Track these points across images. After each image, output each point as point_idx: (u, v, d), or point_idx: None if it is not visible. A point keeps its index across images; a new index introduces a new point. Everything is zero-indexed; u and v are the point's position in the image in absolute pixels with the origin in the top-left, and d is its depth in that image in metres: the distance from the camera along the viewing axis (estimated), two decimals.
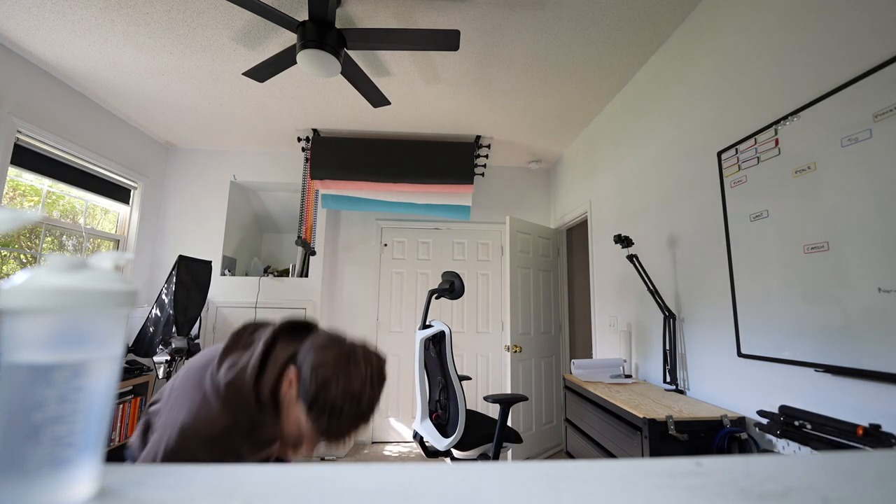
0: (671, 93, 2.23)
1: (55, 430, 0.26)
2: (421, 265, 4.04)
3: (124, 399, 2.76)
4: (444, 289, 2.27)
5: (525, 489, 0.31)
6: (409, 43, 1.99)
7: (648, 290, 2.16)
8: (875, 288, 1.18)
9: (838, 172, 1.30)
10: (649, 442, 1.54)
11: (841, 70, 1.32)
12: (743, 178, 1.69)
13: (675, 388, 2.02)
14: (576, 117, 3.21)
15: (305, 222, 3.79)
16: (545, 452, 3.50)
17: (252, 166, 3.98)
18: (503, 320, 3.92)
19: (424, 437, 2.21)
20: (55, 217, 2.97)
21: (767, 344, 1.55)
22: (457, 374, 2.16)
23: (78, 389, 0.27)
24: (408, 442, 3.72)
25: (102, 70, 2.66)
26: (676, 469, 0.34)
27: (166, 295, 3.02)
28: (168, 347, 2.90)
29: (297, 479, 0.32)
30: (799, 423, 1.33)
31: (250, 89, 2.88)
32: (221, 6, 2.07)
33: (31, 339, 0.27)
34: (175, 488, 0.30)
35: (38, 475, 0.26)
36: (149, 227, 3.72)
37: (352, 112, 3.23)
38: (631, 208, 2.63)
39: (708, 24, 1.96)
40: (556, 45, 2.34)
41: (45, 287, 0.27)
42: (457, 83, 2.76)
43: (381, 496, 0.30)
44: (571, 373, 2.41)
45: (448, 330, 2.24)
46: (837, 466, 0.36)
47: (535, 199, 4.21)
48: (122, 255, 0.32)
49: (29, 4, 2.08)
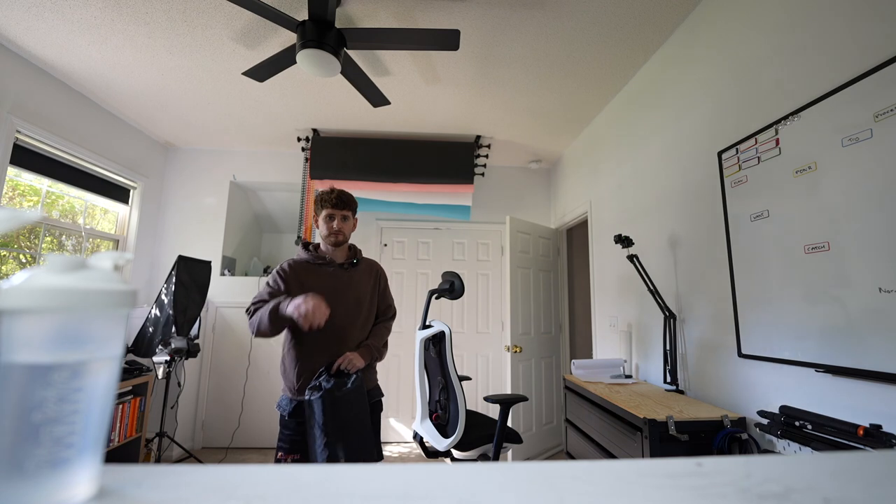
0: (671, 92, 2.23)
1: (54, 431, 0.26)
2: (421, 265, 4.04)
3: (124, 399, 2.76)
4: (444, 289, 2.27)
5: (525, 489, 0.31)
6: (409, 43, 1.99)
7: (649, 290, 2.16)
8: (875, 288, 1.18)
9: (839, 172, 1.30)
10: (649, 442, 1.54)
11: (841, 69, 1.32)
12: (743, 178, 1.69)
13: (675, 389, 2.02)
14: (576, 117, 3.21)
15: (305, 222, 3.79)
16: (545, 452, 3.50)
17: (252, 166, 3.98)
18: (503, 320, 3.92)
19: (424, 438, 2.20)
20: (54, 217, 2.97)
21: (768, 344, 1.55)
22: (457, 375, 2.16)
23: (77, 390, 0.27)
24: (408, 442, 3.72)
25: (102, 70, 2.66)
26: (677, 469, 0.34)
27: (166, 295, 3.02)
28: (168, 347, 2.90)
29: (296, 480, 0.32)
30: (799, 423, 1.33)
31: (250, 89, 2.88)
32: (221, 6, 2.07)
33: (30, 339, 0.27)
34: (175, 488, 0.30)
35: (38, 475, 0.26)
36: (148, 227, 3.72)
37: (352, 112, 3.23)
38: (631, 208, 2.63)
39: (708, 23, 1.97)
40: (557, 45, 2.34)
41: (44, 287, 0.27)
42: (457, 83, 2.76)
43: (382, 496, 0.29)
44: (571, 373, 2.41)
45: (448, 330, 2.23)
46: (838, 467, 0.36)
47: (535, 199, 4.21)
48: (122, 255, 0.31)
49: (28, 4, 2.08)
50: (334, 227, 1.67)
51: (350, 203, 1.72)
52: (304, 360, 1.58)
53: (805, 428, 1.31)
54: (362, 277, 1.74)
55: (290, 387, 1.59)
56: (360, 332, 1.68)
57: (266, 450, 3.54)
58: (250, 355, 3.65)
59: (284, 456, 1.58)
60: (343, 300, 1.64)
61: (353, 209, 1.74)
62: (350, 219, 1.73)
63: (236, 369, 3.64)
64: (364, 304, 1.71)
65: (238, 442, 3.56)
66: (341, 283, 1.68)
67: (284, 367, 1.64)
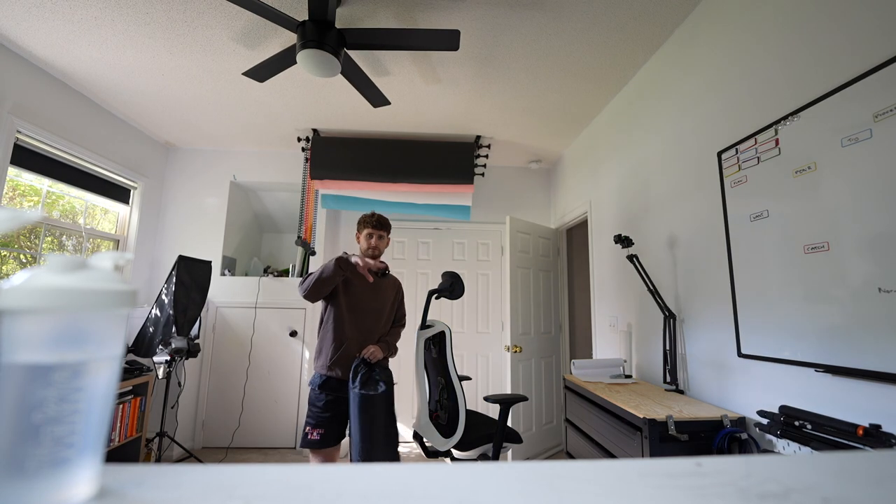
0: (671, 92, 2.23)
1: (55, 431, 0.26)
2: (421, 265, 4.04)
3: (124, 399, 2.76)
4: (444, 289, 2.27)
5: (525, 489, 0.31)
6: (409, 43, 1.99)
7: (648, 290, 2.16)
8: (875, 288, 1.18)
9: (838, 172, 1.30)
10: (649, 442, 1.54)
11: (841, 70, 1.32)
12: (743, 178, 1.69)
13: (675, 389, 2.02)
14: (576, 117, 3.21)
15: (305, 222, 3.79)
16: (545, 452, 3.50)
17: (252, 166, 3.98)
18: (503, 320, 3.92)
19: (424, 438, 2.21)
20: (55, 217, 2.97)
21: (767, 344, 1.55)
22: (457, 375, 2.16)
23: (78, 389, 0.27)
24: (408, 442, 3.72)
25: (102, 70, 2.67)
26: (676, 469, 0.34)
27: (166, 295, 3.02)
28: (168, 347, 2.90)
29: (296, 480, 0.32)
30: (799, 423, 1.33)
31: (250, 89, 2.88)
32: (221, 6, 2.07)
33: (30, 339, 0.27)
34: (175, 488, 0.30)
35: (38, 475, 0.26)
36: (149, 227, 3.72)
37: (352, 112, 3.23)
38: (631, 208, 2.63)
39: (708, 23, 1.97)
40: (557, 45, 2.34)
41: (44, 287, 0.27)
42: (457, 83, 2.76)
43: (382, 496, 0.29)
44: (571, 373, 2.41)
45: (448, 330, 2.24)
46: (837, 466, 0.36)
47: (535, 199, 4.21)
48: (122, 255, 0.32)
49: (29, 4, 2.08)
50: (372, 244, 2.16)
51: (386, 225, 2.19)
52: (337, 345, 2.03)
53: (805, 428, 1.31)
54: (388, 288, 2.21)
55: (324, 364, 2.01)
56: (381, 330, 2.14)
57: (266, 450, 3.54)
58: (250, 355, 3.65)
59: (311, 430, 1.96)
60: (374, 302, 2.12)
61: (388, 230, 2.20)
62: (385, 237, 2.19)
63: (236, 369, 3.64)
64: (386, 309, 2.18)
65: (238, 442, 3.56)
66: (374, 289, 2.13)
67: (321, 350, 2.06)
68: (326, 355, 2.02)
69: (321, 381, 2.00)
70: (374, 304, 2.11)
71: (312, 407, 1.99)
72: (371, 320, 2.09)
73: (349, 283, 2.08)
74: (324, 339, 2.07)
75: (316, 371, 2.05)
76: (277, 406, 3.59)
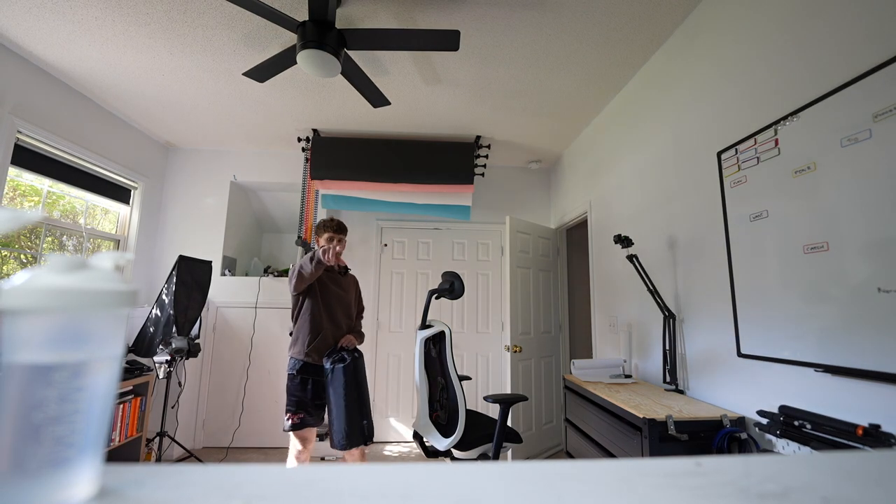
0: (671, 93, 2.23)
1: (55, 430, 0.26)
2: (421, 265, 4.04)
3: (124, 399, 2.76)
4: (444, 289, 2.27)
5: (525, 489, 0.31)
6: (409, 43, 1.99)
7: (648, 290, 2.16)
8: (874, 288, 1.18)
9: (838, 172, 1.30)
10: (649, 442, 1.54)
11: (841, 70, 1.32)
12: (743, 178, 1.69)
13: (674, 388, 2.02)
14: (576, 117, 3.21)
15: (305, 222, 3.79)
16: (545, 452, 3.50)
17: (252, 166, 3.98)
18: (503, 320, 3.92)
19: (424, 437, 2.21)
20: (55, 217, 2.98)
21: (767, 344, 1.55)
22: (457, 374, 2.16)
23: (78, 389, 0.27)
24: (408, 442, 3.72)
25: (102, 70, 2.67)
26: (676, 469, 0.35)
27: (166, 295, 3.02)
28: (168, 347, 2.90)
29: (297, 480, 0.32)
30: (799, 423, 1.33)
31: (250, 89, 2.88)
32: (221, 6, 2.07)
33: (31, 339, 0.27)
34: (175, 488, 0.30)
35: (38, 475, 0.26)
36: (149, 227, 3.72)
37: (352, 112, 3.23)
38: (631, 208, 2.63)
39: (708, 23, 1.97)
40: (556, 46, 2.34)
41: (45, 287, 0.27)
42: (457, 83, 2.76)
43: (382, 496, 0.30)
44: (571, 373, 2.41)
45: (448, 330, 2.24)
46: (837, 466, 0.36)
47: (535, 199, 4.21)
48: (123, 255, 0.32)
49: (29, 5, 2.08)
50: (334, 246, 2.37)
51: (345, 229, 2.45)
52: (313, 334, 2.27)
53: (804, 427, 1.32)
54: (350, 283, 2.53)
55: (301, 350, 2.24)
56: (349, 320, 2.44)
57: (267, 449, 3.54)
58: (250, 355, 3.65)
59: (292, 416, 2.18)
60: (343, 297, 2.42)
61: (346, 233, 2.46)
62: (343, 240, 2.43)
63: (236, 369, 3.64)
64: (352, 302, 2.51)
65: (238, 441, 3.56)
66: (341, 285, 2.43)
67: (298, 338, 2.28)
68: (304, 342, 2.25)
69: (299, 366, 2.23)
70: (344, 298, 2.41)
71: (291, 396, 2.21)
72: (341, 312, 2.38)
73: (321, 280, 2.32)
74: (301, 328, 2.30)
75: (293, 357, 2.27)
76: (278, 406, 3.59)
